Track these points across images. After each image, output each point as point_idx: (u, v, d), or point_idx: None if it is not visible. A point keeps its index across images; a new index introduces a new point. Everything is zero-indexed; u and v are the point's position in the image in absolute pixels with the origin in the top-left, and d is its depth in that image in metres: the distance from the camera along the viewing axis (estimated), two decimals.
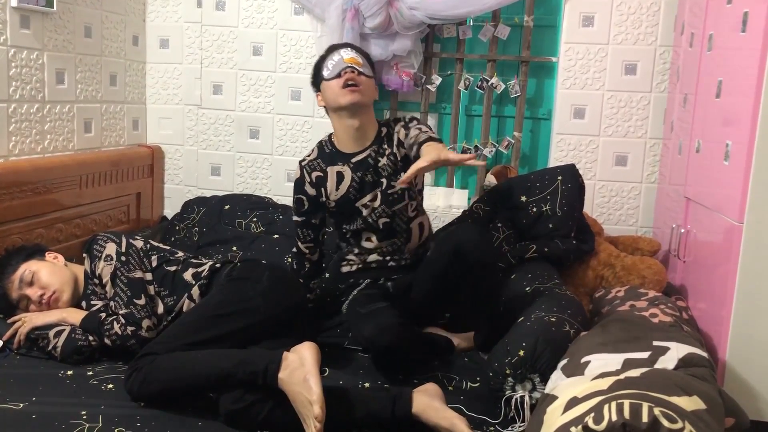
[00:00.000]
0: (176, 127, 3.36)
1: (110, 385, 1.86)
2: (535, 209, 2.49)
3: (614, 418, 1.25)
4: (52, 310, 2.07)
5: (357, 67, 2.17)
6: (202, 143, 3.35)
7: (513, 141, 3.08)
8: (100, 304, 2.10)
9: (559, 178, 2.53)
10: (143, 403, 1.74)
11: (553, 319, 1.88)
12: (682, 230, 2.34)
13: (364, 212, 2.22)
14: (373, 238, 2.26)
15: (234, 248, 2.72)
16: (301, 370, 1.62)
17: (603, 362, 1.64)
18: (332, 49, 2.26)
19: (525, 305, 2.05)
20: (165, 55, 3.32)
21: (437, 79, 3.12)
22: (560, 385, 1.64)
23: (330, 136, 2.31)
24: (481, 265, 2.02)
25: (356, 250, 2.29)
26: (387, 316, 2.01)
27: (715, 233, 2.10)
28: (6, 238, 2.38)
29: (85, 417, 1.65)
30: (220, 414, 1.67)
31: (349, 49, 2.24)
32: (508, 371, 1.78)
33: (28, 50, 2.55)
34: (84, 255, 2.15)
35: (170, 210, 3.36)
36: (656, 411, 1.25)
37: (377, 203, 2.22)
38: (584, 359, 1.68)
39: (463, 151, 3.11)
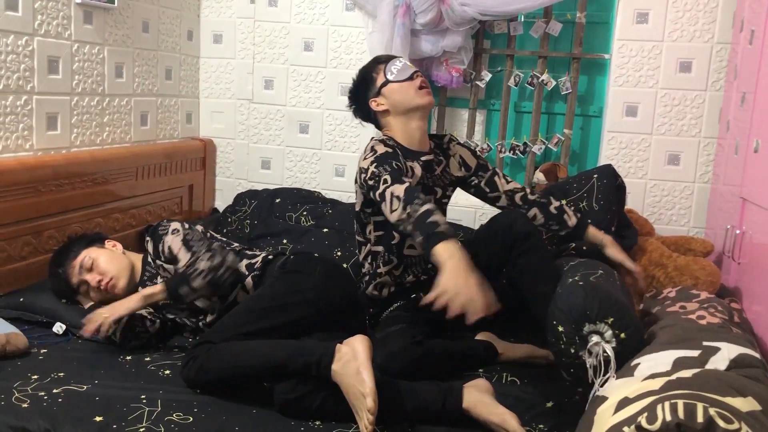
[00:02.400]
0: (228, 121, 3.43)
1: (167, 371, 1.91)
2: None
3: (668, 417, 1.24)
4: (132, 296, 2.06)
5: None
6: (253, 137, 3.40)
7: (563, 138, 3.06)
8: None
9: (595, 176, 2.55)
10: (199, 389, 1.79)
11: (598, 273, 1.87)
12: (737, 231, 2.30)
13: None
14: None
15: (284, 241, 2.77)
16: (353, 362, 1.65)
17: (653, 363, 1.62)
18: (387, 58, 2.28)
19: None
20: (218, 50, 3.39)
21: (487, 76, 3.12)
22: (609, 386, 1.63)
23: (386, 137, 2.22)
24: (529, 234, 2.05)
25: (395, 261, 2.22)
26: (398, 340, 1.99)
27: None
28: (67, 226, 2.47)
29: (144, 401, 1.71)
30: (274, 402, 1.71)
31: (403, 58, 2.29)
32: (570, 338, 1.68)
33: (90, 45, 2.64)
34: (147, 239, 2.22)
35: (221, 202, 3.44)
36: (712, 411, 1.23)
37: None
38: (634, 361, 1.67)
39: (512, 148, 3.11)
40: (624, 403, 1.40)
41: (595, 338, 1.65)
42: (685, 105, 2.90)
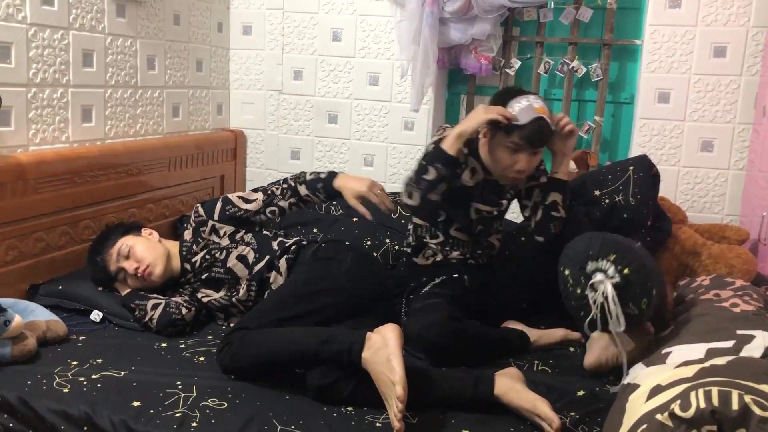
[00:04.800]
0: (258, 112, 3.46)
1: (202, 358, 1.95)
2: (608, 200, 2.44)
3: (702, 405, 1.23)
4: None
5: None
6: (283, 128, 3.43)
7: (594, 126, 3.03)
8: (199, 257, 2.23)
9: (631, 168, 2.48)
10: (233, 375, 1.82)
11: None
12: None
13: (473, 215, 2.23)
14: (464, 232, 2.26)
15: (315, 230, 2.79)
16: (384, 350, 1.65)
17: (685, 352, 1.61)
18: (535, 136, 2.00)
19: None
20: (248, 41, 3.41)
21: (516, 63, 3.10)
22: (641, 374, 1.62)
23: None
24: None
25: (441, 238, 2.25)
26: (437, 311, 2.00)
27: None
28: (102, 217, 2.52)
29: (180, 387, 1.75)
30: (307, 389, 1.73)
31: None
32: (576, 279, 1.77)
33: (123, 38, 2.68)
34: (197, 206, 2.32)
35: None
36: (747, 398, 1.22)
37: (491, 216, 2.25)
38: (665, 350, 1.66)
39: None
40: (656, 390, 1.39)
41: (598, 276, 1.72)
42: (719, 90, 2.85)
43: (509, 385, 1.69)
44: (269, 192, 2.29)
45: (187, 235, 2.28)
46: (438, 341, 1.91)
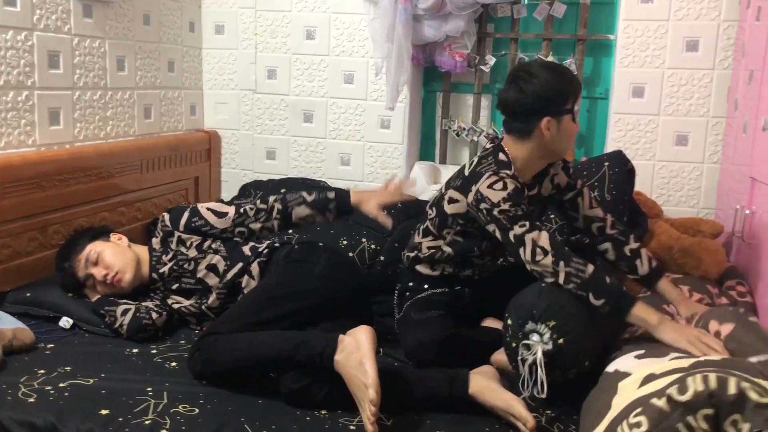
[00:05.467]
0: (232, 112, 3.42)
1: (173, 363, 1.92)
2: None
3: (700, 388, 1.22)
4: None
5: None
6: (258, 128, 3.39)
7: None
8: (167, 268, 2.18)
9: (606, 163, 2.48)
10: (205, 381, 1.79)
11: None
12: (747, 211, 2.27)
13: None
14: (487, 258, 2.16)
15: (290, 231, 2.75)
16: (357, 353, 1.64)
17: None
18: (579, 89, 2.01)
19: None
20: (220, 40, 3.37)
21: (491, 60, 3.09)
22: (631, 364, 1.61)
23: (506, 156, 2.01)
24: None
25: (459, 259, 2.14)
26: (435, 328, 1.96)
27: None
28: (73, 221, 2.47)
29: (150, 393, 1.71)
30: (281, 393, 1.71)
31: None
32: (514, 332, 1.75)
33: (91, 38, 2.63)
34: (163, 215, 2.26)
35: (227, 194, 3.43)
36: (744, 384, 1.22)
37: None
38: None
39: None
40: (650, 378, 1.40)
41: (534, 337, 1.71)
42: (692, 84, 2.85)
43: (484, 384, 1.68)
44: (242, 211, 2.19)
45: (156, 243, 2.24)
46: (435, 359, 1.89)
